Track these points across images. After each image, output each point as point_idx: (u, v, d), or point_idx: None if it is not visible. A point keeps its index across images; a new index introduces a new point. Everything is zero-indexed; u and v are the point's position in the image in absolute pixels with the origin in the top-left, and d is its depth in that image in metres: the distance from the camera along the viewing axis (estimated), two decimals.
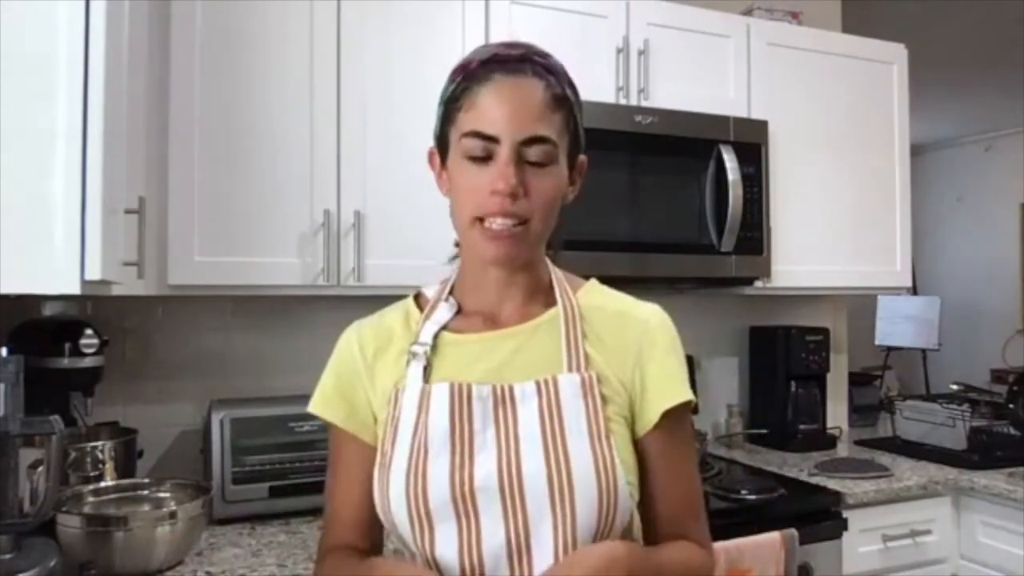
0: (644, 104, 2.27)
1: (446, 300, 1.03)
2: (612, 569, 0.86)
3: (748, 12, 2.65)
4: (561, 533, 0.89)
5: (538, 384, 0.94)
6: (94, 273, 1.18)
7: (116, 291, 1.45)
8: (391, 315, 1.07)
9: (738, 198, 2.27)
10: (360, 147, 1.97)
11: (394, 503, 0.92)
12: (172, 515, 1.54)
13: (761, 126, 2.40)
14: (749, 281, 2.43)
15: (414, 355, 0.99)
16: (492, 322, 1.01)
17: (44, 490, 1.33)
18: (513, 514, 0.90)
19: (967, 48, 4.32)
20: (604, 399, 0.94)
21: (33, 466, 1.35)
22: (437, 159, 1.02)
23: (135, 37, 1.51)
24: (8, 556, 1.28)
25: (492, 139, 0.92)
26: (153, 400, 2.10)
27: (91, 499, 1.66)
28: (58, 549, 1.37)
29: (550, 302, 1.01)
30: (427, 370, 0.97)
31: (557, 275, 1.04)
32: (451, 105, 0.97)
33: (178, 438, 2.12)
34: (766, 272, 2.40)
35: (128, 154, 1.45)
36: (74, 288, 1.17)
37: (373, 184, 1.99)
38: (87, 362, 1.79)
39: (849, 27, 3.04)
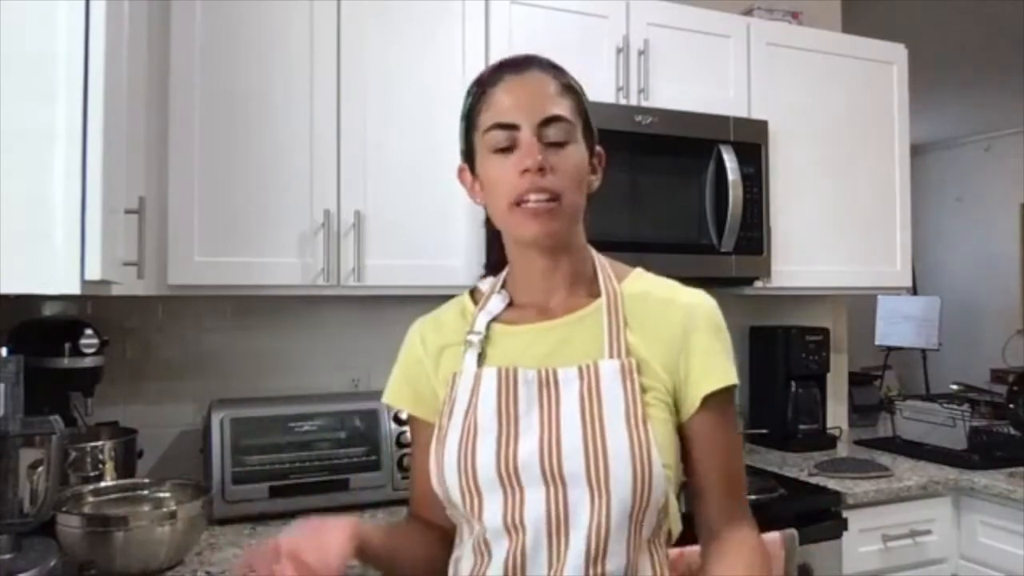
0: (644, 104, 2.27)
1: (498, 293, 1.11)
2: None
3: (748, 12, 2.65)
4: (597, 509, 0.95)
5: (580, 369, 1.00)
6: (94, 273, 1.18)
7: (116, 291, 1.45)
8: (448, 311, 1.15)
9: (738, 198, 2.27)
10: (360, 147, 1.97)
11: (448, 476, 1.01)
12: (172, 515, 1.54)
13: (761, 126, 2.40)
14: (749, 281, 2.43)
15: (469, 343, 1.06)
16: (542, 314, 1.07)
17: (44, 490, 1.33)
18: (553, 489, 0.97)
19: (967, 48, 4.32)
20: (643, 386, 0.99)
21: (33, 466, 1.35)
22: (467, 173, 1.09)
23: (135, 37, 1.51)
24: (8, 556, 1.28)
25: (512, 127, 1.00)
26: (153, 400, 2.10)
27: (91, 499, 1.66)
28: (58, 549, 1.38)
29: (596, 292, 1.07)
30: (481, 357, 1.05)
31: (602, 263, 1.10)
32: (471, 114, 1.06)
33: (178, 438, 2.12)
34: (766, 272, 2.40)
35: (128, 154, 1.45)
36: (74, 288, 1.17)
37: (373, 184, 1.99)
38: (87, 362, 1.79)
39: (849, 27, 3.04)
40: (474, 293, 1.15)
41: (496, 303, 1.09)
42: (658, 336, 1.03)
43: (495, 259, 1.15)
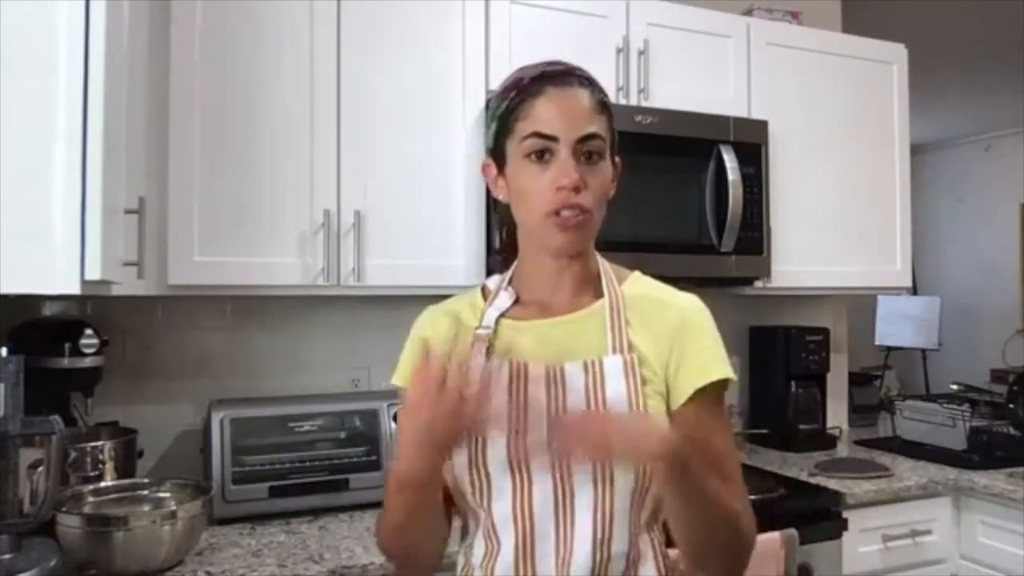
0: (644, 104, 2.27)
1: (505, 290, 1.15)
2: (663, 443, 0.92)
3: (748, 12, 2.65)
4: (600, 495, 1.01)
5: (585, 364, 1.05)
6: (94, 273, 1.18)
7: (116, 291, 1.45)
8: (459, 302, 1.19)
9: (738, 198, 2.27)
10: (360, 147, 1.97)
11: (458, 467, 1.05)
12: (172, 515, 1.54)
13: (761, 126, 2.40)
14: (749, 281, 2.43)
15: (478, 337, 1.11)
16: (546, 310, 1.12)
17: (44, 490, 1.33)
18: (560, 476, 1.02)
19: (967, 48, 4.31)
20: (644, 379, 1.05)
21: (33, 466, 1.35)
22: (492, 168, 1.12)
23: (135, 37, 1.51)
24: (8, 556, 1.28)
25: (551, 138, 1.04)
26: (153, 400, 2.10)
27: (91, 499, 1.66)
28: (58, 549, 1.38)
29: (599, 293, 1.12)
30: (489, 350, 1.09)
31: (605, 267, 1.15)
32: (508, 118, 1.08)
33: (178, 438, 2.12)
34: (766, 272, 2.40)
35: (128, 154, 1.45)
36: (74, 288, 1.17)
37: (373, 184, 1.99)
38: (87, 362, 1.79)
39: (849, 27, 3.04)
40: (484, 289, 1.19)
41: (503, 299, 1.14)
42: (654, 334, 1.08)
43: (507, 246, 1.18)
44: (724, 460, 1.09)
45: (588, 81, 1.09)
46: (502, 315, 1.12)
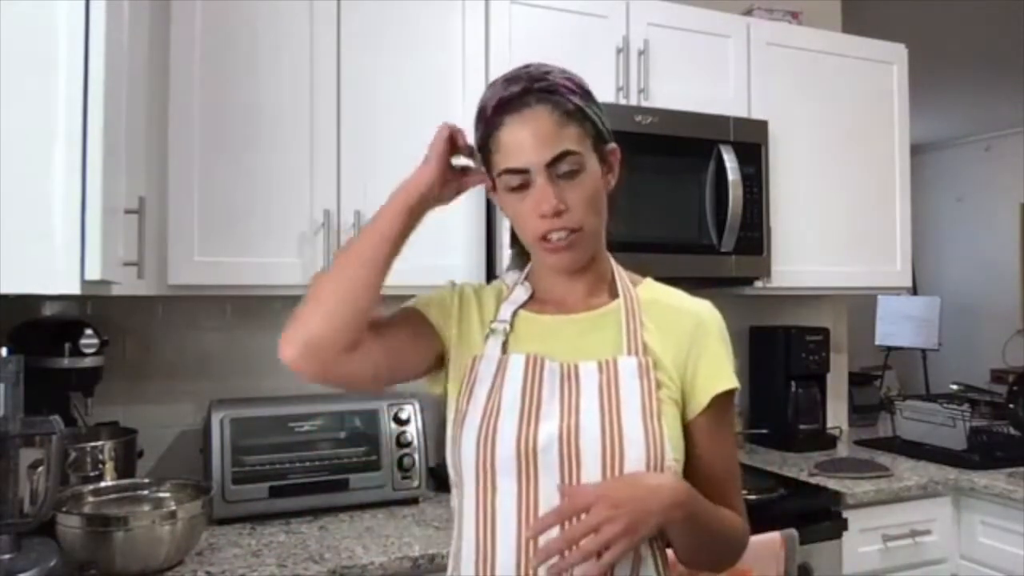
0: (644, 104, 2.27)
1: (522, 284, 1.17)
2: (659, 494, 0.97)
3: (748, 12, 2.65)
4: None
5: (600, 364, 1.05)
6: (94, 273, 1.19)
7: (116, 291, 1.45)
8: (485, 289, 1.20)
9: (738, 198, 2.27)
10: (360, 147, 1.97)
11: (465, 455, 1.04)
12: (172, 515, 1.54)
13: (761, 126, 2.40)
14: (749, 281, 2.43)
15: (493, 331, 1.12)
16: (562, 307, 1.13)
17: (44, 490, 1.33)
18: (569, 476, 1.01)
19: (967, 48, 4.32)
20: (658, 383, 1.05)
21: (33, 466, 1.35)
22: (490, 184, 1.14)
23: (135, 37, 1.51)
24: (8, 556, 1.28)
25: (523, 171, 1.04)
26: (153, 400, 2.10)
27: (91, 499, 1.66)
28: (58, 549, 1.37)
29: (613, 294, 1.13)
30: (504, 344, 1.10)
31: (619, 271, 1.16)
32: (484, 150, 1.10)
33: (178, 438, 2.12)
34: (766, 272, 2.40)
35: (128, 154, 1.45)
36: (74, 288, 1.17)
37: (373, 184, 1.98)
38: (87, 362, 1.79)
39: (849, 27, 3.04)
40: (505, 284, 1.21)
41: (520, 294, 1.15)
42: (669, 339, 1.08)
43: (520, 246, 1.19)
44: (735, 473, 1.13)
45: (547, 92, 1.04)
46: (520, 307, 1.14)
